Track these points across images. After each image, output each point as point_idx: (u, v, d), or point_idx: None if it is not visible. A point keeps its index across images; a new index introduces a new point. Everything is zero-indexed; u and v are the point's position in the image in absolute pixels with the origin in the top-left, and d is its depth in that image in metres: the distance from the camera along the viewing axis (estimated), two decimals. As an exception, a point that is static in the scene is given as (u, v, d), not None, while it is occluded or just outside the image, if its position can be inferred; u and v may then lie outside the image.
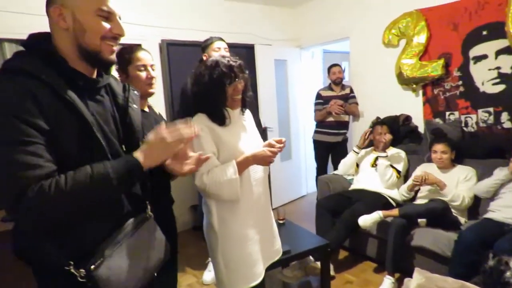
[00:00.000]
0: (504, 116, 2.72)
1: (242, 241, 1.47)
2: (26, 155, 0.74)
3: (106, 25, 0.88)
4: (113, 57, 0.93)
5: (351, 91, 3.78)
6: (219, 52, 2.33)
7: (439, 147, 2.62)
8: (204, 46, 2.45)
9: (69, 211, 0.78)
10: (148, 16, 3.30)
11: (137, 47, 1.58)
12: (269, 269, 1.98)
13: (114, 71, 1.09)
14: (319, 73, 4.93)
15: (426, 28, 3.08)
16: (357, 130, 3.89)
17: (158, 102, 3.22)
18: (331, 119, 3.73)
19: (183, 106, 2.55)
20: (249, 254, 1.48)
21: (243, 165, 1.43)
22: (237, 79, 1.44)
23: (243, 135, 1.53)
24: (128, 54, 1.52)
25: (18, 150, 0.74)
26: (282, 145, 1.47)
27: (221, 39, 2.45)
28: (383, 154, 2.86)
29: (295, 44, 4.45)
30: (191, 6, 3.57)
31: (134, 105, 1.04)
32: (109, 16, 0.88)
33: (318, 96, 3.85)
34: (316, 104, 3.85)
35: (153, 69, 1.59)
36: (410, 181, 2.69)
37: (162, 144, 0.88)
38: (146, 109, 1.61)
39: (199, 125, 1.39)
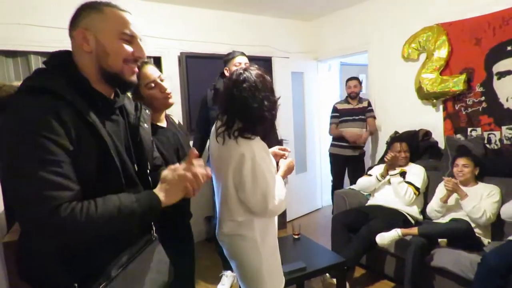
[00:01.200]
0: (530, 133, 2.63)
1: (276, 253, 1.51)
2: (56, 175, 0.75)
3: (129, 49, 0.89)
4: (134, 78, 0.94)
5: (369, 104, 3.74)
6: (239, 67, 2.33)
7: (460, 161, 2.56)
8: (226, 60, 2.47)
9: (93, 236, 0.80)
10: (168, 29, 3.37)
11: (142, 63, 1.49)
12: (286, 285, 1.96)
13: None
14: (336, 85, 4.91)
15: (447, 43, 3.03)
16: (375, 144, 3.84)
17: (176, 114, 3.25)
18: (347, 133, 3.68)
19: (203, 115, 2.59)
20: (279, 264, 1.52)
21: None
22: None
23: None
24: None
25: (48, 170, 0.74)
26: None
27: (243, 54, 2.46)
28: (393, 172, 2.80)
29: (312, 56, 4.45)
30: (209, 19, 3.63)
31: (145, 125, 1.05)
32: (131, 39, 0.90)
33: (334, 109, 3.82)
34: (332, 117, 3.82)
35: (162, 80, 1.51)
36: (436, 198, 2.61)
37: (180, 183, 0.88)
38: (164, 124, 1.57)
39: (261, 153, 1.35)
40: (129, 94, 1.11)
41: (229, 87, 1.34)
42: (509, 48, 2.68)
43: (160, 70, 2.67)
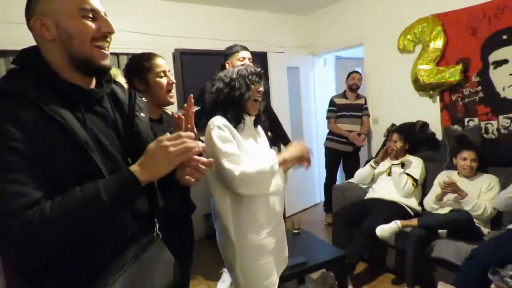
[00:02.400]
0: (527, 122, 2.63)
1: (260, 252, 1.46)
2: (8, 183, 0.68)
3: (93, 25, 0.80)
4: (107, 62, 0.85)
5: (365, 102, 3.74)
6: (242, 62, 2.26)
7: (469, 154, 2.51)
8: (228, 53, 2.38)
9: (59, 240, 0.71)
10: (162, 25, 3.33)
11: (154, 54, 1.56)
12: (288, 279, 1.95)
13: (122, 79, 1.05)
14: (331, 79, 4.90)
15: (442, 33, 3.02)
16: (372, 136, 3.83)
17: (172, 111, 3.24)
18: (342, 128, 3.70)
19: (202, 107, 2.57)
20: (266, 264, 1.47)
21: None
22: (261, 81, 1.50)
23: (257, 145, 1.56)
24: (147, 61, 1.50)
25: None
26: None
27: (246, 49, 2.38)
28: (396, 162, 2.81)
29: (308, 51, 4.42)
30: (203, 16, 3.60)
31: (142, 114, 0.97)
32: (94, 14, 0.81)
33: (332, 103, 3.81)
34: (329, 111, 3.81)
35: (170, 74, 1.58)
36: (432, 192, 2.60)
37: (163, 154, 0.77)
38: (157, 116, 1.57)
39: (219, 123, 1.41)
40: (123, 81, 1.05)
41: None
42: (504, 37, 2.67)
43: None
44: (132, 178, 0.75)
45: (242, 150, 1.43)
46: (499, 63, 2.73)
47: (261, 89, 1.51)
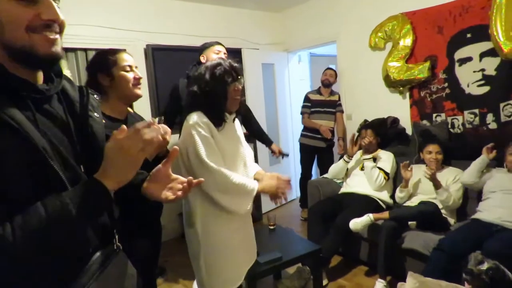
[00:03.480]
0: (489, 117, 2.75)
1: (225, 246, 1.47)
2: None
3: (29, 11, 0.65)
4: (56, 49, 0.69)
5: (339, 98, 3.81)
6: (218, 55, 2.34)
7: (433, 147, 2.62)
8: (202, 48, 2.44)
9: (21, 267, 0.61)
10: (133, 20, 3.24)
11: (119, 50, 1.52)
12: (260, 276, 1.96)
13: (67, 71, 0.97)
14: (306, 76, 4.95)
15: (411, 31, 3.11)
16: (346, 132, 3.90)
17: (144, 109, 3.16)
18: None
19: (172, 107, 2.53)
20: (231, 259, 1.48)
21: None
22: (238, 78, 1.47)
23: (234, 141, 1.55)
24: (112, 55, 1.46)
25: None
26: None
27: (222, 44, 2.45)
28: (368, 156, 2.88)
29: (282, 48, 4.44)
30: (176, 11, 3.53)
31: (96, 114, 0.84)
32: None
33: (307, 99, 3.85)
34: (304, 106, 3.85)
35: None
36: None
37: (124, 154, 0.68)
38: (124, 116, 1.52)
39: (198, 121, 1.40)
40: (68, 74, 0.97)
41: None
42: (469, 35, 2.78)
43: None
44: (100, 188, 0.67)
45: (220, 149, 1.43)
46: (463, 61, 2.85)
47: (240, 86, 1.49)
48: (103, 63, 1.44)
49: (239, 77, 1.47)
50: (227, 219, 1.47)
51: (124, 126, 0.70)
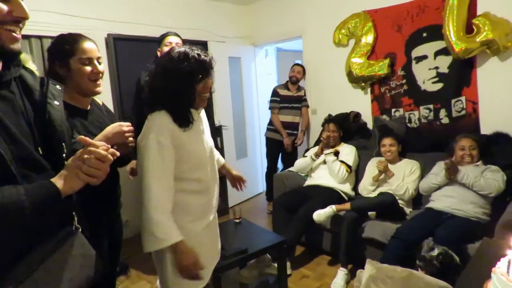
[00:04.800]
0: (442, 112, 2.93)
1: (192, 246, 1.36)
2: None
3: (4, 7, 0.73)
4: (17, 46, 0.79)
5: (305, 94, 3.88)
6: (169, 47, 2.26)
7: (387, 141, 2.78)
8: (158, 40, 2.39)
9: None
10: (93, 7, 3.09)
11: (81, 36, 1.36)
12: (226, 269, 1.96)
13: (33, 65, 0.95)
14: (273, 71, 4.99)
15: (373, 29, 3.23)
16: (311, 126, 3.99)
17: (106, 102, 3.02)
18: (283, 119, 3.80)
19: (137, 101, 2.44)
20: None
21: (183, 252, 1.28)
22: (208, 76, 1.31)
23: (203, 140, 1.43)
24: (69, 44, 1.32)
25: None
26: None
27: (177, 35, 2.40)
28: (328, 151, 2.97)
29: (249, 41, 4.44)
30: (139, -1, 3.41)
31: (55, 102, 0.91)
32: None
33: (275, 93, 3.88)
34: (272, 101, 3.87)
35: (99, 63, 1.39)
36: (367, 177, 2.81)
37: (75, 171, 0.78)
38: (88, 107, 1.44)
39: (159, 124, 1.26)
40: (33, 67, 0.94)
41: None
42: (425, 34, 2.93)
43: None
44: (54, 191, 0.75)
45: (185, 151, 1.31)
46: (420, 59, 3.00)
47: (210, 82, 1.33)
48: (59, 52, 1.32)
49: (209, 72, 1.30)
50: (193, 219, 1.39)
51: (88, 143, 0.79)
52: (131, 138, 1.35)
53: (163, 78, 1.27)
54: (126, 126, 1.32)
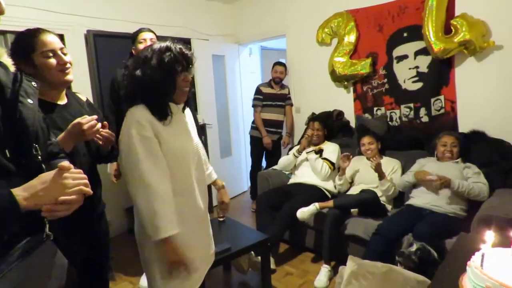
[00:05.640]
0: (422, 111, 2.99)
1: (182, 250, 1.33)
2: None
3: None
4: None
5: (289, 92, 3.89)
6: (144, 44, 2.22)
7: (365, 139, 2.83)
8: (132, 37, 2.33)
9: None
10: (73, 3, 3.00)
11: (39, 30, 1.32)
12: (212, 267, 1.94)
13: (8, 59, 0.91)
14: (257, 69, 4.99)
15: (355, 29, 3.26)
16: (295, 125, 4.01)
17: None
18: (266, 117, 3.80)
19: (113, 98, 2.38)
20: (189, 262, 1.35)
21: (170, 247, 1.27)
22: (189, 68, 1.33)
23: (185, 135, 1.41)
24: (28, 40, 1.27)
25: None
26: None
27: (150, 30, 2.34)
28: (310, 149, 3.01)
29: (233, 40, 4.42)
30: (121, -5, 3.34)
31: (29, 100, 0.86)
32: None
33: (258, 91, 3.87)
34: (255, 99, 3.87)
35: (64, 54, 1.33)
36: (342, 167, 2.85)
37: (58, 189, 0.74)
38: (64, 101, 1.40)
39: (139, 118, 1.25)
40: (8, 62, 0.89)
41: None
42: (405, 34, 2.99)
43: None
44: (10, 204, 0.68)
45: (168, 146, 1.30)
46: (400, 58, 3.06)
47: (190, 77, 1.34)
48: (20, 50, 1.26)
49: (190, 66, 1.32)
50: (184, 220, 1.35)
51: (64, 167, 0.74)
52: (103, 133, 1.31)
53: (144, 68, 1.27)
54: (85, 120, 1.26)
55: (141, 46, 2.20)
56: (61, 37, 2.94)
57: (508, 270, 0.91)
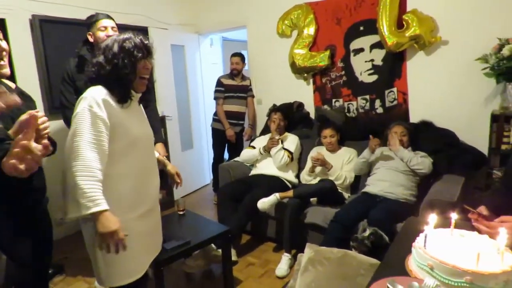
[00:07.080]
0: (377, 103, 3.12)
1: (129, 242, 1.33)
2: None
3: None
4: None
5: (250, 83, 3.88)
6: (105, 32, 2.14)
7: (327, 132, 2.90)
8: (88, 23, 2.19)
9: None
10: (13, -15, 2.76)
11: None
12: (169, 262, 1.91)
13: None
14: (219, 60, 4.92)
15: (314, 21, 3.31)
16: (257, 117, 4.01)
17: (33, 91, 2.75)
18: (228, 109, 3.77)
19: (66, 87, 2.27)
20: (131, 248, 1.36)
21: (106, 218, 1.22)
22: (149, 57, 1.39)
23: (142, 121, 1.49)
24: None
25: None
26: None
27: (109, 17, 2.23)
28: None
29: (193, 30, 4.32)
30: (70, -21, 3.12)
31: None
32: None
33: (220, 83, 3.82)
34: (217, 91, 3.82)
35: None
36: (309, 165, 2.89)
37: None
38: None
39: (96, 96, 1.27)
40: None
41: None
42: (361, 28, 3.08)
43: (5, 36, 2.19)
44: None
45: (125, 128, 1.33)
46: (357, 51, 3.15)
47: (150, 65, 1.40)
48: None
49: (150, 54, 1.39)
50: (127, 205, 1.37)
51: None
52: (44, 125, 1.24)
53: (105, 54, 1.33)
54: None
55: (101, 34, 2.11)
56: (2, 22, 2.72)
57: (447, 249, 0.97)
